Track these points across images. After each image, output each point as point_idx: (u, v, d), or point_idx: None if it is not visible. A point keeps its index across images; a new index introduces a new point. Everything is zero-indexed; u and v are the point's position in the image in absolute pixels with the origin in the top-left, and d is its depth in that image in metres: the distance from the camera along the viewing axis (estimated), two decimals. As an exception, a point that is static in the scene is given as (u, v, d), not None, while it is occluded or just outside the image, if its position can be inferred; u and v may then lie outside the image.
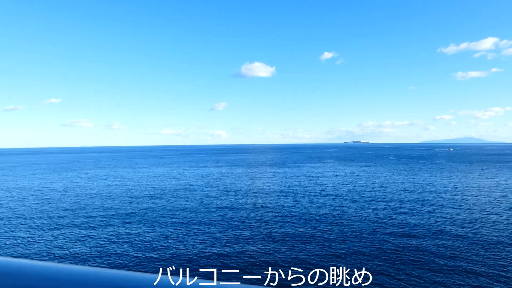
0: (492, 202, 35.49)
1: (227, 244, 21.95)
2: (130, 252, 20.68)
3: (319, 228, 25.68)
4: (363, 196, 39.74)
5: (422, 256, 19.41)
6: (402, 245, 21.39)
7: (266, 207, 34.07)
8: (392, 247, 21.05)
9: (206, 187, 48.75)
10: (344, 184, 51.62)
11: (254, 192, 43.66)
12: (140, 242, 22.63)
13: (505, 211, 31.01)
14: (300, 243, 22.03)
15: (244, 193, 42.79)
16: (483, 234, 23.70)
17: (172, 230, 25.47)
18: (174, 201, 37.52)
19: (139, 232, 25.06)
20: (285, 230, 25.36)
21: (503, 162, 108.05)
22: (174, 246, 21.74)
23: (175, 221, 28.26)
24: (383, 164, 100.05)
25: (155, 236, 24.07)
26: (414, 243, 21.90)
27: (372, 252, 20.19)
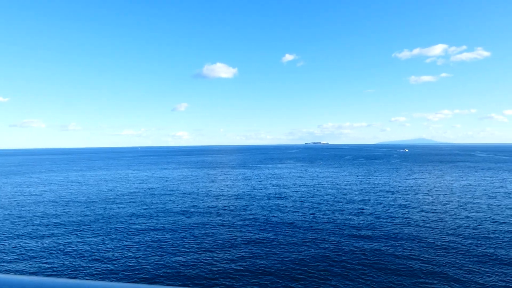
0: (443, 202, 37.29)
1: (186, 252, 21.26)
2: (81, 264, 19.42)
3: (279, 232, 25.60)
4: (323, 198, 40.36)
5: (378, 257, 19.83)
6: (359, 246, 21.77)
7: (228, 210, 33.58)
8: (350, 249, 21.35)
9: (165, 191, 47.38)
10: (305, 185, 52.25)
11: (215, 196, 43.00)
12: (91, 252, 21.34)
13: (454, 211, 32.64)
14: (259, 249, 21.77)
15: (205, 196, 42.01)
16: (434, 234, 24.70)
17: (128, 238, 24.33)
18: (131, 207, 36.03)
19: (91, 241, 23.68)
20: (246, 235, 25.04)
21: (452, 162, 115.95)
22: (129, 255, 20.71)
23: (131, 228, 27.04)
24: (342, 164, 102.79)
25: (108, 245, 22.84)
26: (370, 244, 22.36)
27: (329, 253, 20.35)
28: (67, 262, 19.63)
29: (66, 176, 72.13)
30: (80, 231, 26.43)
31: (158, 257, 20.26)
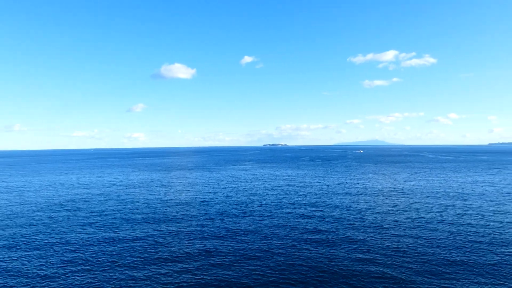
0: (394, 204, 38.61)
1: (136, 265, 20.05)
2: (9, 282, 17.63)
3: (236, 239, 25.03)
4: (281, 201, 40.34)
5: (333, 261, 19.84)
6: (315, 250, 21.71)
7: (184, 216, 32.44)
8: (307, 255, 21.22)
9: (118, 196, 45.03)
10: (264, 188, 52.08)
11: (171, 201, 41.52)
12: (24, 270, 19.50)
13: (405, 212, 33.85)
14: (215, 258, 21.04)
15: (161, 201, 40.41)
16: (386, 235, 25.31)
17: (69, 253, 22.59)
18: (79, 216, 33.77)
19: (22, 259, 21.71)
20: (202, 243, 24.18)
21: (403, 162, 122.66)
22: (73, 269, 19.15)
23: (76, 241, 25.21)
24: (300, 166, 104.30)
25: (42, 261, 21.03)
26: (326, 248, 22.41)
27: (287, 259, 20.07)
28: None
29: (9, 181, 66.67)
30: (11, 247, 24.20)
31: (104, 273, 18.89)
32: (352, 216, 31.40)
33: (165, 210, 35.27)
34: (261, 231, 26.78)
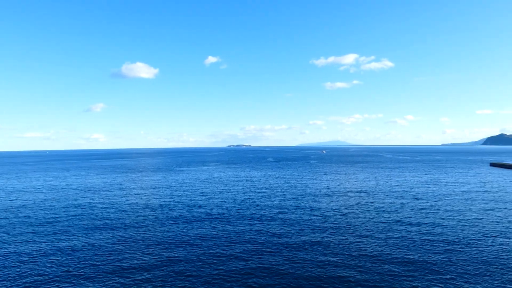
0: (354, 204, 39.63)
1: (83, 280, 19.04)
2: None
3: (196, 248, 24.52)
4: (246, 204, 40.15)
5: (298, 266, 19.92)
6: (280, 255, 21.71)
7: (141, 223, 31.37)
8: (271, 263, 21.16)
9: (71, 202, 42.83)
10: (227, 190, 51.67)
11: (129, 206, 40.06)
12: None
13: (365, 213, 34.81)
14: (174, 267, 20.47)
15: (117, 207, 38.87)
16: (348, 237, 25.84)
17: (16, 263, 21.10)
18: (30, 221, 31.71)
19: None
20: (160, 254, 23.43)
21: (363, 162, 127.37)
22: (26, 282, 17.83)
23: (27, 248, 23.60)
24: (264, 167, 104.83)
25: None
26: (293, 253, 22.48)
27: (252, 265, 19.91)
28: None
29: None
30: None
31: (59, 284, 17.75)
32: (315, 218, 31.80)
33: (125, 215, 33.95)
34: (225, 235, 26.43)
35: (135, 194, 48.62)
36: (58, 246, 24.07)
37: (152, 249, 23.02)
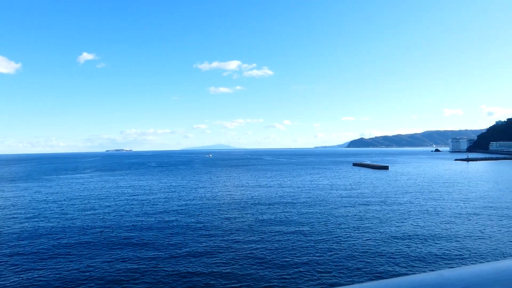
0: (242, 206, 39.84)
1: None
2: None
3: (63, 263, 20.83)
4: (126, 211, 36.48)
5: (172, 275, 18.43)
6: (161, 264, 19.84)
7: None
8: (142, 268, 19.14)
9: None
10: (103, 199, 46.50)
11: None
12: None
13: (244, 216, 35.13)
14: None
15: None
16: (230, 241, 25.37)
17: None
18: None
19: None
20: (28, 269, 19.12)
21: (246, 165, 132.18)
22: None
23: None
24: (145, 172, 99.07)
25: None
26: (164, 259, 20.81)
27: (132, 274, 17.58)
28: None
29: None
30: None
31: None
32: (197, 225, 30.45)
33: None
34: (102, 254, 23.10)
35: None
36: None
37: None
